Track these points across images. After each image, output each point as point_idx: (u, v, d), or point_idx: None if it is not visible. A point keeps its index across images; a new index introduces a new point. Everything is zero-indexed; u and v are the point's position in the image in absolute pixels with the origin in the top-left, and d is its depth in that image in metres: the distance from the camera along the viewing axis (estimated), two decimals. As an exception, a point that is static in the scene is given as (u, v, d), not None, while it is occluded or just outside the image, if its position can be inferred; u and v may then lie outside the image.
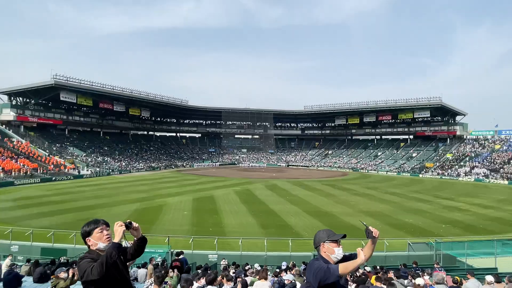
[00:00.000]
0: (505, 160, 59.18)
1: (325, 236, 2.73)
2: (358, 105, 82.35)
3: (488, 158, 62.08)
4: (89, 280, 2.34)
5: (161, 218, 23.17)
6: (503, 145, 65.56)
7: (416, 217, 24.67)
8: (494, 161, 60.02)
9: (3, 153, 47.64)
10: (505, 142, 66.57)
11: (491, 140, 69.22)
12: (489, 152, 64.76)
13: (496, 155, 62.15)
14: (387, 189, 41.19)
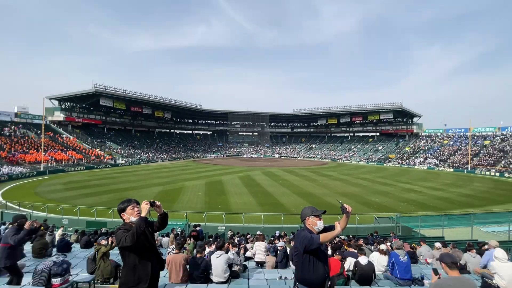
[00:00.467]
0: (451, 152, 59.28)
1: (309, 212, 2.75)
2: (336, 109, 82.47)
3: (438, 151, 62.16)
4: (124, 246, 2.37)
5: (180, 198, 23.17)
6: (449, 141, 65.58)
7: (381, 197, 24.76)
8: (443, 153, 60.11)
9: (55, 146, 47.50)
10: (451, 138, 66.58)
11: (441, 137, 69.18)
12: (438, 146, 64.80)
13: (444, 149, 62.24)
14: (358, 175, 41.24)
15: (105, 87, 58.78)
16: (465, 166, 51.32)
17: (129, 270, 2.50)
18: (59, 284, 4.70)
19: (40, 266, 4.66)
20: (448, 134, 68.63)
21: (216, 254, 5.18)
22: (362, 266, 5.25)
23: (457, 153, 58.46)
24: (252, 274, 6.03)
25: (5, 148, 40.19)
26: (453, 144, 63.50)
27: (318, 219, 2.69)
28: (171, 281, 4.94)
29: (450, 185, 32.92)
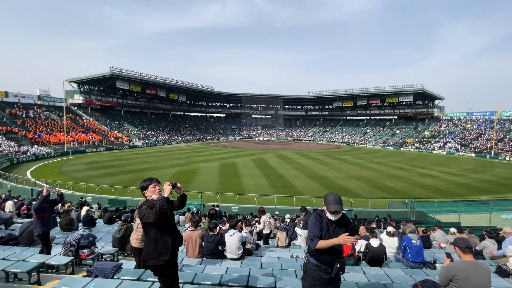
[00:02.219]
0: (474, 137, 56.54)
1: (330, 201, 2.62)
2: (353, 91, 79.76)
3: (460, 135, 59.45)
4: (147, 222, 2.56)
5: (196, 179, 23.73)
6: (473, 125, 62.36)
7: (396, 182, 24.34)
8: (465, 138, 57.49)
9: (76, 128, 49.51)
10: (475, 122, 63.25)
11: (464, 120, 65.85)
12: (461, 130, 61.88)
13: (466, 133, 59.40)
14: (373, 159, 40.49)
15: (121, 70, 59.59)
16: (488, 151, 49.00)
17: (151, 243, 2.70)
18: (87, 255, 5.10)
19: (69, 238, 5.06)
20: (472, 118, 65.16)
21: (229, 232, 5.40)
22: (373, 249, 5.31)
23: (481, 137, 55.69)
24: (265, 252, 6.26)
25: (31, 130, 42.37)
26: (477, 128, 60.38)
27: (330, 214, 2.61)
28: (188, 256, 5.23)
29: (470, 171, 31.74)
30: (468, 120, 65.02)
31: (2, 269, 3.92)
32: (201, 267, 4.36)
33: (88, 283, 3.31)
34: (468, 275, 2.58)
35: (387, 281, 4.10)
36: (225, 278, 3.75)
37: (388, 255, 5.82)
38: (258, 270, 4.35)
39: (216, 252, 5.31)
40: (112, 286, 3.25)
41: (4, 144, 34.95)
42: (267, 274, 4.11)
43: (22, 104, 49.76)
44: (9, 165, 28.58)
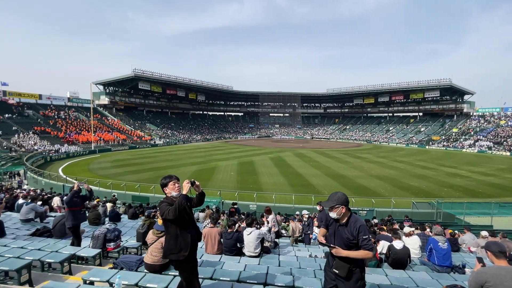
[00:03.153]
0: (509, 134, 52.56)
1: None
2: (374, 87, 77.10)
3: (492, 132, 55.53)
4: (168, 219, 2.64)
5: (214, 177, 24.09)
6: (508, 121, 57.99)
7: (421, 181, 23.23)
8: (498, 135, 53.61)
9: (102, 128, 52.09)
10: (510, 118, 58.77)
11: (497, 116, 61.46)
12: (493, 127, 57.79)
13: (500, 130, 55.36)
14: (395, 158, 38.94)
15: (143, 71, 61.81)
16: (525, 149, 45.39)
17: (171, 238, 2.80)
18: (113, 248, 5.37)
19: (97, 232, 5.35)
20: (507, 114, 60.65)
21: (247, 230, 5.43)
22: (396, 251, 5.12)
23: (516, 135, 51.76)
24: (283, 251, 6.25)
25: (62, 130, 45.17)
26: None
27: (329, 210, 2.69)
28: (207, 252, 5.34)
29: (504, 171, 29.57)
30: (502, 116, 60.57)
31: (38, 258, 4.23)
32: (220, 263, 4.44)
33: (114, 274, 3.47)
34: (501, 282, 2.41)
35: (411, 285, 3.94)
36: (244, 275, 3.79)
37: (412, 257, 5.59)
38: (276, 268, 4.35)
39: (235, 249, 5.37)
40: (136, 278, 3.40)
41: (39, 143, 37.54)
42: (286, 273, 4.10)
43: (54, 106, 53.18)
44: (43, 163, 30.65)
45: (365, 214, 14.13)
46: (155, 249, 3.90)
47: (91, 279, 3.46)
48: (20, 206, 8.76)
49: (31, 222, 7.62)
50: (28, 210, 7.66)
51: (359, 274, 2.62)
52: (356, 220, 2.63)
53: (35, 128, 42.06)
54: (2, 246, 4.68)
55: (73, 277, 4.16)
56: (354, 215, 2.70)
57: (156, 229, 4.24)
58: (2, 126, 38.88)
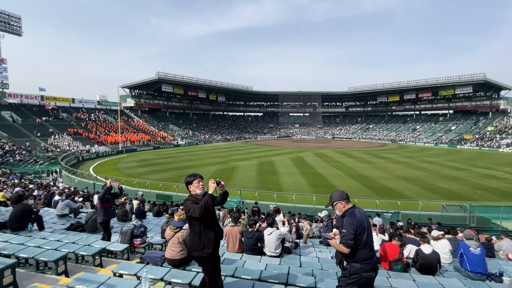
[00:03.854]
0: (554, 132, 47.98)
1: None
2: (399, 85, 73.51)
3: (534, 130, 50.99)
4: (193, 216, 2.74)
5: (234, 176, 24.32)
6: (552, 118, 52.96)
7: (451, 183, 21.84)
8: (541, 133, 49.11)
9: (129, 129, 54.61)
10: (555, 114, 53.63)
11: (539, 113, 56.36)
12: (535, 124, 53.04)
13: (543, 128, 50.69)
14: (423, 158, 36.95)
15: (166, 74, 64.04)
16: None
17: (195, 235, 2.88)
18: (139, 243, 5.61)
19: (125, 228, 5.62)
20: (551, 110, 55.40)
21: (268, 230, 5.43)
22: (425, 255, 4.87)
23: None
24: (304, 252, 6.18)
25: (93, 131, 47.98)
26: (558, 122, 51.15)
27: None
28: (229, 250, 5.41)
29: (548, 172, 27.02)
30: (546, 113, 55.42)
31: (73, 251, 4.53)
32: (241, 262, 4.48)
33: (141, 268, 3.63)
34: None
35: (442, 292, 3.73)
36: (265, 274, 3.80)
37: (443, 262, 5.28)
38: (297, 269, 4.31)
39: (256, 248, 5.39)
40: (161, 273, 3.53)
41: (72, 144, 40.17)
42: (307, 274, 4.05)
43: (85, 109, 56.63)
44: (76, 162, 32.74)
45: (390, 216, 13.57)
46: (173, 244, 4.05)
47: (120, 272, 3.65)
48: (56, 202, 9.44)
49: (66, 217, 8.18)
50: (64, 206, 8.22)
51: (349, 265, 2.79)
52: (348, 215, 2.77)
53: (69, 130, 45.05)
54: (41, 239, 5.08)
55: (103, 270, 4.41)
56: (353, 211, 2.78)
57: (172, 225, 4.40)
58: (40, 128, 42.07)
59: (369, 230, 2.76)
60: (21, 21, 45.74)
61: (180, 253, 3.97)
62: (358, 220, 2.69)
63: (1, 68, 44.06)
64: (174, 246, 4.02)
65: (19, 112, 44.53)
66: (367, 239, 2.70)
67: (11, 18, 44.43)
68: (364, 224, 2.71)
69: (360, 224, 2.67)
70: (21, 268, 4.31)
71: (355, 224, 2.65)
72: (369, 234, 2.73)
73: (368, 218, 2.94)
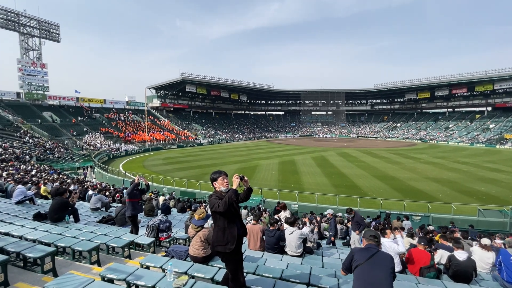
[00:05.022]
0: None
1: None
2: (430, 80, 68.98)
3: None
4: (217, 211, 2.78)
5: (256, 175, 24.35)
6: None
7: (489, 186, 20.18)
8: None
9: (155, 128, 56.92)
10: None
11: None
12: None
13: None
14: (457, 159, 34.51)
15: (189, 74, 65.79)
16: None
17: (219, 231, 2.93)
18: (164, 238, 5.82)
19: (151, 222, 5.86)
20: None
21: (288, 230, 5.39)
22: (459, 262, 4.55)
23: None
24: (326, 252, 6.05)
25: (122, 130, 50.65)
26: None
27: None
28: (250, 248, 5.44)
29: None
30: None
31: (104, 242, 4.82)
32: (262, 260, 4.49)
33: (166, 261, 3.77)
34: None
35: (478, 302, 3.45)
36: (286, 273, 3.77)
37: (480, 271, 4.91)
38: (320, 270, 4.23)
39: (277, 247, 5.37)
40: (185, 267, 3.64)
41: (104, 142, 42.71)
42: (330, 275, 3.96)
43: (115, 109, 59.92)
44: (107, 159, 34.78)
45: (419, 219, 12.86)
46: (195, 242, 4.13)
47: (147, 264, 3.81)
48: (89, 197, 10.10)
49: (98, 211, 8.72)
50: (96, 200, 8.77)
51: None
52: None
53: (101, 129, 47.96)
54: (77, 230, 5.45)
55: (132, 261, 4.64)
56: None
57: (193, 224, 4.48)
58: (76, 128, 45.22)
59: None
60: (59, 29, 49.33)
61: (203, 251, 4.05)
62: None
63: (43, 73, 47.89)
64: (197, 244, 4.11)
65: (58, 112, 48.20)
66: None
67: (51, 26, 48.10)
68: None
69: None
70: (59, 256, 4.67)
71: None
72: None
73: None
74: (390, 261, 2.64)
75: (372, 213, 13.24)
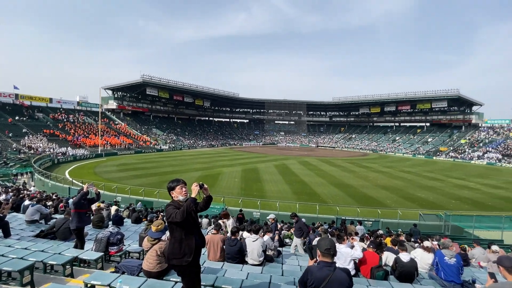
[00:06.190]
0: (519, 147, 51.53)
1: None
2: (380, 97, 76.61)
3: (502, 144, 54.47)
4: (174, 221, 2.62)
5: (218, 183, 24.04)
6: (518, 133, 56.97)
7: (428, 193, 22.79)
8: (508, 147, 52.52)
9: (109, 132, 52.78)
10: (520, 130, 57.74)
11: (507, 128, 60.41)
12: (503, 138, 56.73)
13: (510, 142, 54.28)
14: (402, 168, 38.37)
15: (151, 77, 62.85)
16: (536, 162, 44.33)
17: (176, 242, 2.76)
18: (115, 252, 5.34)
19: (100, 235, 5.34)
20: (517, 126, 59.63)
21: (252, 237, 5.36)
22: (403, 263, 4.98)
23: (527, 147, 50.63)
24: (286, 260, 6.13)
25: (70, 133, 45.92)
26: (523, 137, 55.06)
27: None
28: (210, 259, 5.27)
29: (515, 184, 28.86)
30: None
31: (41, 260, 4.23)
32: (222, 271, 4.37)
33: (115, 278, 3.44)
34: (515, 299, 2.31)
35: (419, 299, 3.80)
36: (246, 283, 3.71)
37: (421, 271, 5.42)
38: (279, 278, 4.26)
39: (238, 256, 5.29)
40: (137, 283, 3.36)
41: (47, 145, 38.17)
42: (289, 283, 4.01)
43: (63, 109, 54.26)
44: (50, 165, 31.07)
45: (370, 224, 13.85)
46: (151, 256, 3.84)
47: (93, 282, 3.43)
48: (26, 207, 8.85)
49: (36, 224, 7.67)
50: (34, 211, 7.72)
51: None
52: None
53: (44, 130, 42.85)
54: (6, 247, 4.71)
55: (74, 280, 4.14)
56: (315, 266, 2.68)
57: (150, 236, 4.17)
58: (13, 128, 39.73)
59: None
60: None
61: (158, 265, 3.78)
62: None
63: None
64: (152, 258, 3.82)
65: (-10, 110, 41.93)
66: None
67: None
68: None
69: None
70: (-20, 279, 3.96)
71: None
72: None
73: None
74: (347, 283, 2.50)
75: (329, 219, 13.91)
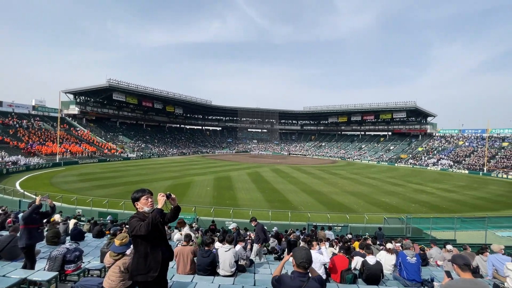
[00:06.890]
0: (467, 154, 57.42)
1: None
2: (347, 107, 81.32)
3: (452, 152, 60.34)
4: (138, 235, 2.43)
5: (189, 192, 23.40)
6: (465, 142, 63.53)
7: (391, 197, 24.31)
8: (458, 154, 58.33)
9: (70, 139, 48.91)
10: (467, 139, 64.48)
11: (456, 137, 67.12)
12: (453, 147, 62.91)
13: (459, 150, 60.36)
14: (368, 175, 40.60)
15: (118, 82, 59.90)
16: (481, 168, 49.66)
17: (140, 257, 2.57)
18: (72, 270, 4.87)
19: (54, 252, 4.84)
20: (464, 135, 66.51)
21: (225, 247, 5.24)
22: (370, 266, 5.19)
23: (473, 154, 56.60)
24: (258, 270, 6.07)
25: (23, 140, 41.70)
26: (469, 145, 61.52)
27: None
28: (179, 272, 5.02)
29: (464, 188, 31.96)
30: (461, 137, 66.27)
31: (-20, 285, 3.70)
32: (192, 285, 4.18)
33: (71, 301, 3.12)
34: (467, 294, 2.51)
35: (385, 300, 3.97)
36: (217, 296, 3.59)
37: (385, 272, 5.68)
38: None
39: (209, 268, 5.12)
40: (97, 304, 3.07)
41: (-6, 154, 34.20)
42: (261, 292, 3.95)
43: (16, 114, 49.25)
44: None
45: (339, 229, 14.33)
46: (113, 273, 3.55)
47: (44, 307, 3.07)
48: (-36, 224, 7.76)
49: (-24, 243, 6.73)
50: (-26, 228, 6.78)
51: None
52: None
53: (-8, 137, 38.44)
54: None
55: (22, 306, 3.68)
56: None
57: (112, 250, 3.88)
58: (-49, 134, 35.08)
59: None
60: None
61: (121, 283, 3.49)
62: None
63: None
64: (114, 275, 3.52)
65: None
66: None
67: None
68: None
69: None
70: None
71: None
72: None
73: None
74: None
75: (301, 226, 14.14)
